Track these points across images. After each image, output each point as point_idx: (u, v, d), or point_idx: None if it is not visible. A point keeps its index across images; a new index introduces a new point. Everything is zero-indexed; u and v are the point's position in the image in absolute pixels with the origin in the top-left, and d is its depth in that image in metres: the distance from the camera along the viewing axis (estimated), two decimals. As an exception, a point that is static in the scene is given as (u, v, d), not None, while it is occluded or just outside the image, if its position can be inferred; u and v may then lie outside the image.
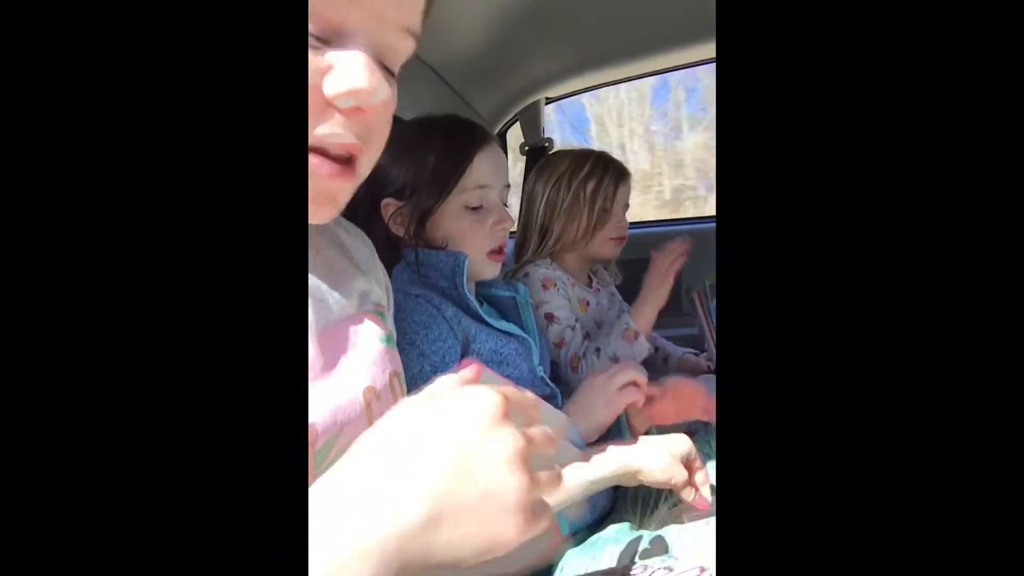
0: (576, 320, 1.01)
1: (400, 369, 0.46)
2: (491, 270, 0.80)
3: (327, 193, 0.36)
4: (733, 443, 0.25)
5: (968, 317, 0.23)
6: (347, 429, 0.38)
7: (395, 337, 0.48)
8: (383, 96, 0.34)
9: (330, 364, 0.39)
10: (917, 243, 0.24)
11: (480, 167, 0.76)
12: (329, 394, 0.38)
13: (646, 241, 1.58)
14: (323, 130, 0.33)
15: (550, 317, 0.98)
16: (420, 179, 0.74)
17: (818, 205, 0.25)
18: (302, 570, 0.23)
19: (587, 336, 1.01)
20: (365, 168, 0.38)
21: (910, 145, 0.24)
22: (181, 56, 0.25)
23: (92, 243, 0.24)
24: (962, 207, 0.24)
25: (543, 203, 1.05)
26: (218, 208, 0.25)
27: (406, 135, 0.77)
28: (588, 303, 1.06)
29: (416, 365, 0.66)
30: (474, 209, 0.76)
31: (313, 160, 0.34)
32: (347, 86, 0.33)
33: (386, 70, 0.37)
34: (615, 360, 0.95)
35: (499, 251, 0.80)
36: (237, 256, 0.25)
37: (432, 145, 0.75)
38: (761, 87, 0.25)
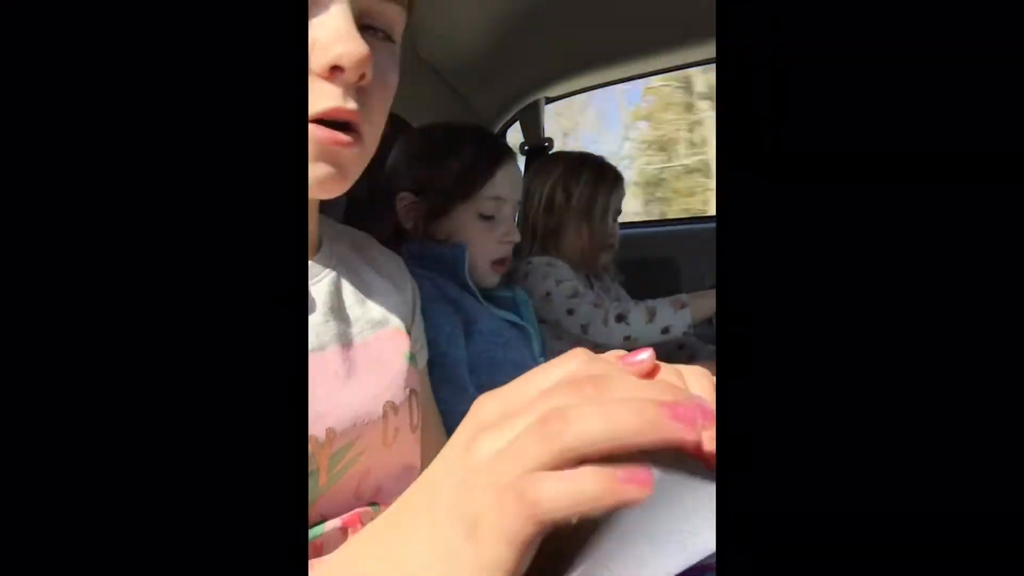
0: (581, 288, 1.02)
1: (418, 387, 0.48)
2: (492, 279, 0.84)
3: (331, 158, 0.36)
4: (733, 443, 0.24)
5: (972, 316, 0.23)
6: (363, 436, 0.41)
7: (418, 354, 0.50)
8: (358, 52, 0.33)
9: (357, 374, 0.42)
10: (918, 244, 0.24)
11: (501, 180, 0.82)
12: (352, 403, 0.41)
13: (646, 241, 1.58)
14: (315, 99, 0.34)
15: (558, 283, 0.99)
16: (442, 180, 0.80)
17: (819, 205, 0.25)
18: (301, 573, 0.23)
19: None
20: (370, 139, 0.38)
21: (911, 143, 0.24)
22: (179, 52, 0.25)
23: (91, 238, 0.24)
24: (967, 200, 0.24)
25: (540, 208, 1.07)
26: (215, 205, 0.25)
27: (431, 137, 0.85)
28: None
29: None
30: (486, 218, 0.81)
31: (311, 128, 0.34)
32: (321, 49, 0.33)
33: (375, 31, 0.37)
34: (651, 312, 0.94)
35: (501, 262, 0.84)
36: (235, 255, 0.25)
37: (461, 151, 0.81)
38: (761, 87, 0.25)
